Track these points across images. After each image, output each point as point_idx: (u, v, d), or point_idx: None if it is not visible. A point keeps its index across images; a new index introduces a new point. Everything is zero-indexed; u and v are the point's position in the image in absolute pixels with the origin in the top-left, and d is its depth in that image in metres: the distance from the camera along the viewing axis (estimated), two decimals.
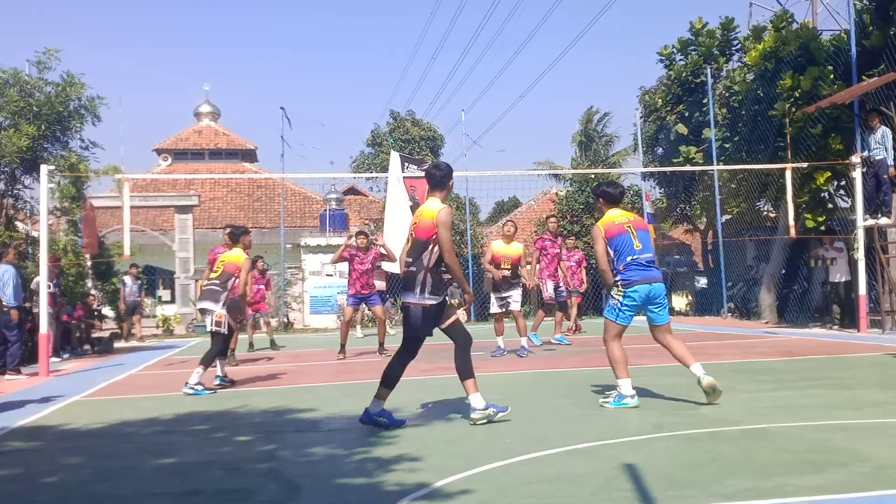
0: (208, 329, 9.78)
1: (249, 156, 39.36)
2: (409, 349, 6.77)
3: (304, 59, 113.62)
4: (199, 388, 9.36)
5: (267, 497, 4.53)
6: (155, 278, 30.05)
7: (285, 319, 25.14)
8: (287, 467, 5.23)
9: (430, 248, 6.48)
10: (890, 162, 14.17)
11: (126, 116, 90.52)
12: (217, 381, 9.93)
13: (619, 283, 7.28)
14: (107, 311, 22.01)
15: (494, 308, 12.81)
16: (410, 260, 6.61)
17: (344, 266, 14.14)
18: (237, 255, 10.01)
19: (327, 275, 25.08)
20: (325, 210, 27.95)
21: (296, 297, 26.25)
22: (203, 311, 9.92)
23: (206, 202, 33.06)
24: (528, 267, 13.40)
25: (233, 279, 9.88)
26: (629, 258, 7.28)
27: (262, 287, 16.25)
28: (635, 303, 7.28)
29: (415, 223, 6.77)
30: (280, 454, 5.67)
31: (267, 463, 5.39)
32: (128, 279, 20.57)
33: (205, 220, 32.63)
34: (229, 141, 38.81)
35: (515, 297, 12.60)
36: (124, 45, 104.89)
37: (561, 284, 14.21)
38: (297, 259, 27.00)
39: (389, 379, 6.64)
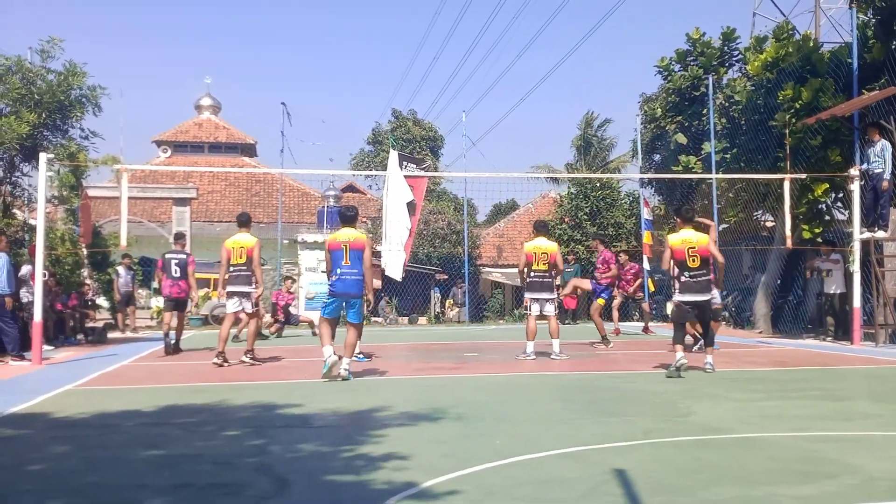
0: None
1: (249, 150, 39.34)
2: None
3: (307, 55, 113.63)
4: (360, 355, 11.54)
5: (256, 492, 4.53)
6: (151, 270, 29.99)
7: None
8: (277, 463, 5.22)
9: (711, 263, 10.05)
10: (886, 175, 14.18)
11: (127, 108, 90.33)
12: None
13: (329, 286, 9.82)
14: (101, 300, 21.96)
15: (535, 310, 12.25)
16: (703, 272, 9.97)
17: None
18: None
19: (323, 271, 25.06)
20: (324, 206, 27.92)
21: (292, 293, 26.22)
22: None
23: (205, 195, 33.04)
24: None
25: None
26: (338, 270, 9.69)
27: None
28: (335, 303, 9.76)
29: (692, 246, 9.97)
30: (270, 449, 5.66)
31: (257, 458, 5.39)
32: (121, 269, 20.54)
33: (202, 213, 32.62)
34: (229, 135, 38.79)
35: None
36: (127, 38, 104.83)
37: None
38: (294, 255, 26.98)
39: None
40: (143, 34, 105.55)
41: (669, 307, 13.31)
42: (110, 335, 18.22)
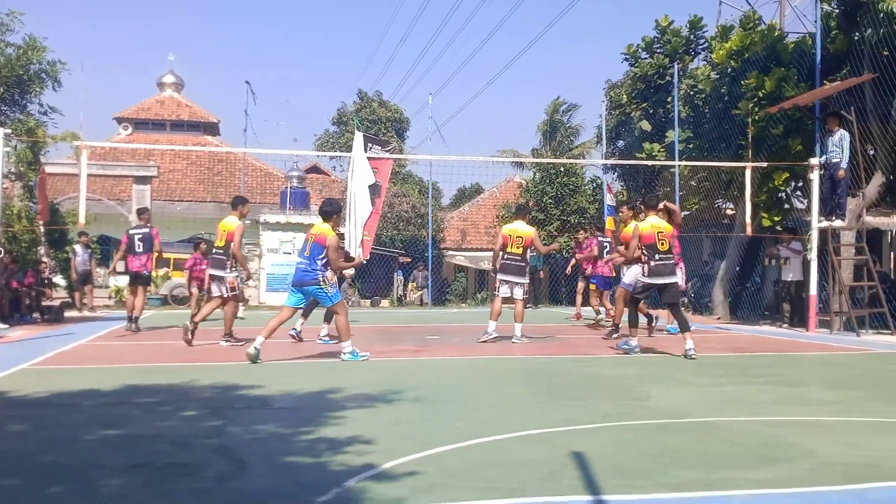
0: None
1: (211, 129, 38.93)
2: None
3: (272, 34, 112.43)
4: (326, 337, 11.89)
5: (214, 473, 4.49)
6: (110, 248, 29.61)
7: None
8: (235, 444, 5.18)
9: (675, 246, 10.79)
10: (843, 165, 14.38)
11: (88, 84, 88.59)
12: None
13: None
14: (58, 279, 21.67)
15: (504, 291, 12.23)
16: (671, 255, 10.59)
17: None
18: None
19: (285, 252, 24.94)
20: (287, 187, 27.73)
21: (252, 274, 26.04)
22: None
23: (166, 174, 32.66)
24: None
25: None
26: (298, 259, 10.00)
27: (205, 268, 16.99)
28: (293, 292, 9.95)
29: (661, 231, 10.49)
30: (229, 430, 5.62)
31: (215, 439, 5.34)
32: (78, 248, 20.26)
33: (163, 192, 32.26)
34: (192, 113, 38.35)
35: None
36: (90, 13, 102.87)
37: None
38: (256, 235, 26.79)
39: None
40: (106, 9, 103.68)
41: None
42: (67, 314, 17.97)
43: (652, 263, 10.47)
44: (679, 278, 12.18)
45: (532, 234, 12.35)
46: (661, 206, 12.75)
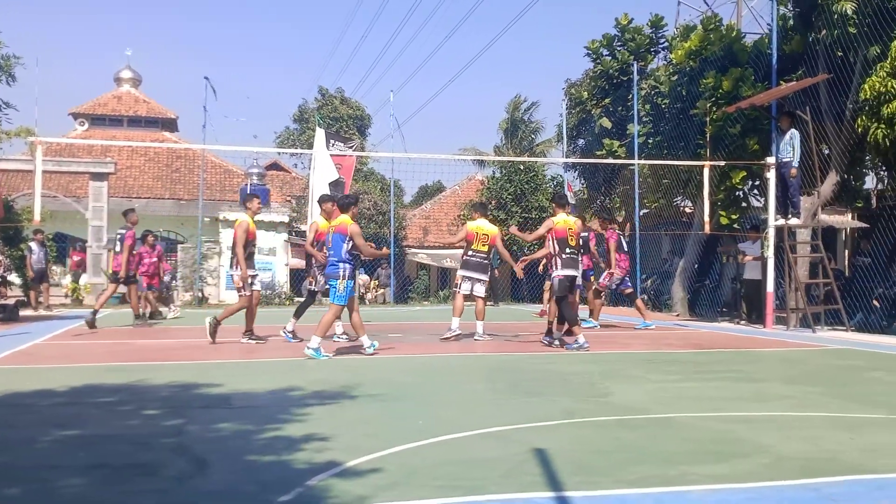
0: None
1: (170, 125, 38.42)
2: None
3: (232, 29, 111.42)
4: (289, 334, 11.99)
5: (174, 472, 4.45)
6: (66, 246, 29.16)
7: (199, 294, 24.70)
8: (195, 443, 5.14)
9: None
10: (794, 164, 14.58)
11: (43, 78, 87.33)
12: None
13: None
14: (13, 277, 21.30)
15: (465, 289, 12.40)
16: (576, 251, 11.48)
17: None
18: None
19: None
20: (247, 184, 27.48)
21: (212, 272, 25.82)
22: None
23: (123, 170, 32.20)
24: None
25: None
26: (326, 252, 10.38)
27: (155, 260, 17.32)
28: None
29: (571, 227, 11.40)
30: (189, 429, 5.57)
31: (175, 438, 5.29)
32: (33, 245, 19.93)
33: (120, 189, 31.79)
34: (149, 108, 37.84)
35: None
36: (45, 6, 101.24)
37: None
38: (215, 233, 26.54)
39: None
40: (62, 2, 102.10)
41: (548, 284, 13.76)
42: (22, 313, 17.67)
43: (563, 256, 11.32)
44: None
45: (496, 233, 12.50)
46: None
